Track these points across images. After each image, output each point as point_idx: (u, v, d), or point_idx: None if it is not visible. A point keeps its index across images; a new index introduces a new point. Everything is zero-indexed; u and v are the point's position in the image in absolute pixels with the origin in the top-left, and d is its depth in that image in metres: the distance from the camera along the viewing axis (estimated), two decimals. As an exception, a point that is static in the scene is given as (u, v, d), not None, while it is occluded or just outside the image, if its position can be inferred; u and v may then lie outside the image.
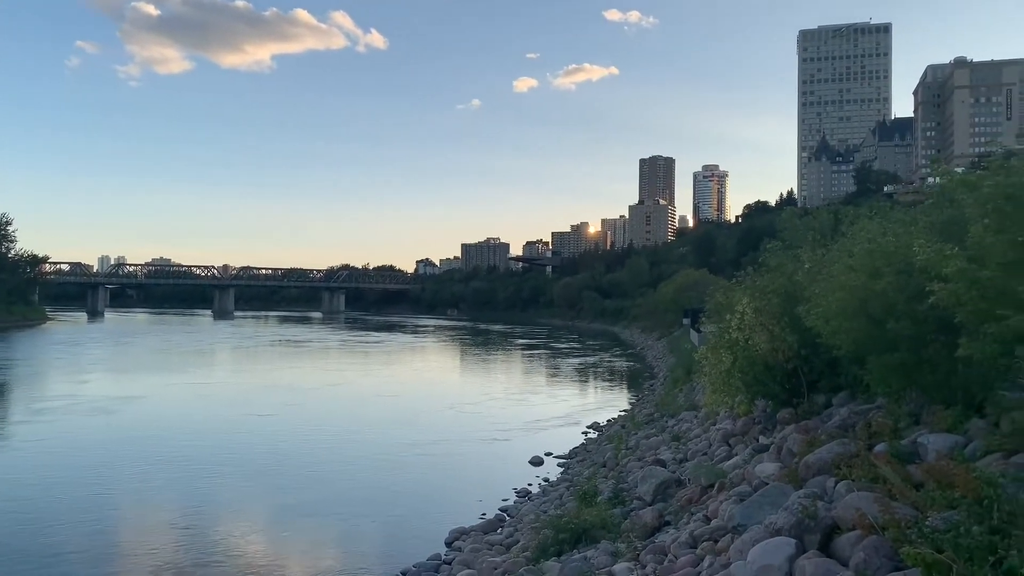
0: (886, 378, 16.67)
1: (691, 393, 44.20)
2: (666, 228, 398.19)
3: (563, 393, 64.16)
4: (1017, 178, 11.06)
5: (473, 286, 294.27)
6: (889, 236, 16.85)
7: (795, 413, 21.89)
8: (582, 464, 34.46)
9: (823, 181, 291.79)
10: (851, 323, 16.89)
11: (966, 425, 14.19)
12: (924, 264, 12.52)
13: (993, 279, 10.99)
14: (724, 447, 24.93)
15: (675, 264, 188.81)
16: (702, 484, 20.15)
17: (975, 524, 8.41)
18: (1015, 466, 11.11)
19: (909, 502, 11.12)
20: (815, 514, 11.49)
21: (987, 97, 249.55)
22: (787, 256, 26.09)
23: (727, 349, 25.47)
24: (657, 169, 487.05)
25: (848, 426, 17.48)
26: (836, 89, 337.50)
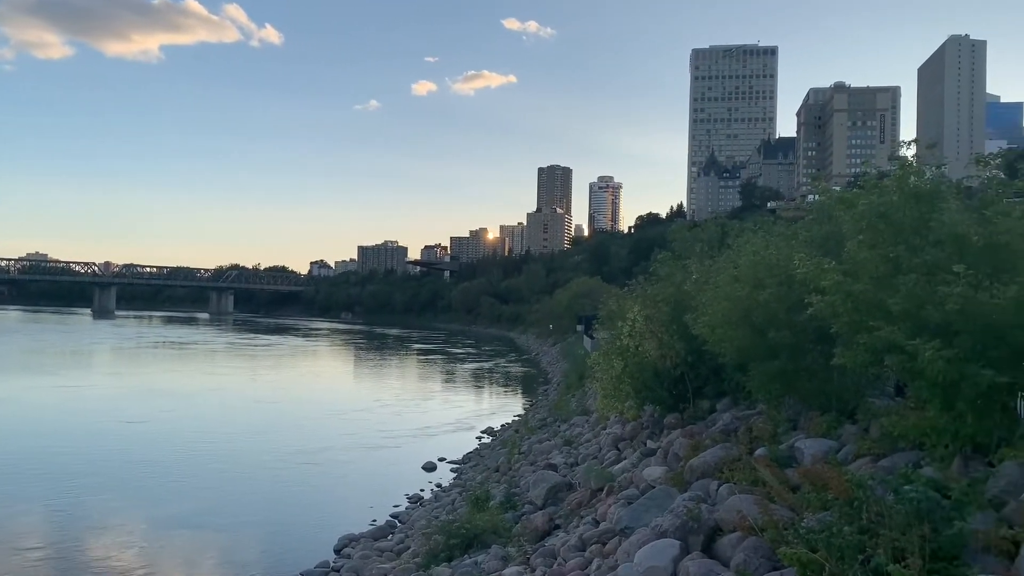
0: (767, 385, 17.40)
1: (583, 398, 44.86)
2: (563, 236, 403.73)
3: (458, 398, 64.05)
4: (888, 197, 11.73)
5: (369, 289, 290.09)
6: (772, 250, 17.59)
7: (681, 418, 22.55)
8: (475, 469, 34.44)
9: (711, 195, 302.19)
10: (735, 331, 17.53)
11: (839, 430, 14.95)
12: (803, 277, 13.12)
13: (866, 292, 11.61)
14: (614, 451, 25.40)
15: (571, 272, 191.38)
16: (592, 488, 20.45)
17: (846, 524, 8.84)
18: (883, 469, 11.77)
19: (787, 504, 11.62)
20: (699, 516, 11.85)
21: (863, 121, 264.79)
22: (676, 266, 26.87)
23: (618, 355, 26.07)
24: (555, 178, 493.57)
25: (731, 431, 18.13)
26: (725, 107, 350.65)
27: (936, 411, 11.00)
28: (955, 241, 10.94)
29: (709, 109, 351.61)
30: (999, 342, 10.11)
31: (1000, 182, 11.62)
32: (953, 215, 11.38)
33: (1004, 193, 11.34)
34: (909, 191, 11.58)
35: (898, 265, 11.33)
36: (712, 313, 18.73)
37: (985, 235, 10.75)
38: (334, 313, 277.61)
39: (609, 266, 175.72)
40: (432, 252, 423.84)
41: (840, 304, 11.93)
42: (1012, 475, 9.69)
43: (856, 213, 12.14)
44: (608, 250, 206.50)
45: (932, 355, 9.88)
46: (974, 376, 9.91)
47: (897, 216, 11.59)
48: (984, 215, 10.94)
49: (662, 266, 27.63)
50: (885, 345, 11.14)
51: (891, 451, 12.52)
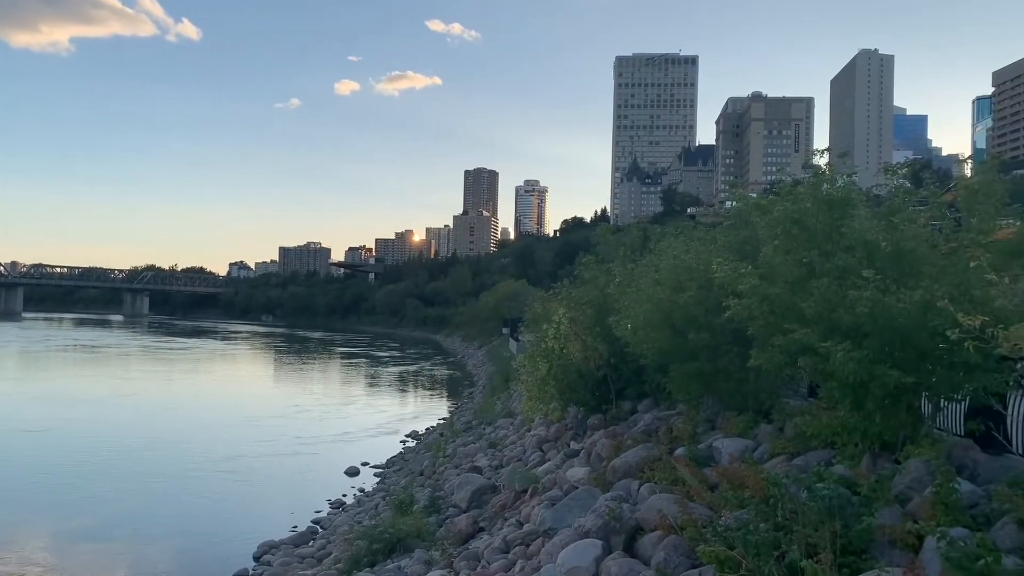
0: (686, 385, 17.78)
1: (509, 401, 44.99)
2: (489, 239, 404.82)
3: (382, 402, 63.41)
4: (802, 204, 12.12)
5: (291, 291, 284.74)
6: (691, 254, 17.98)
7: (604, 419, 22.84)
8: (399, 473, 34.17)
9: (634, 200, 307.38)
10: (656, 333, 17.85)
11: (756, 430, 15.37)
12: (721, 280, 13.43)
13: (780, 295, 11.96)
14: (538, 453, 25.54)
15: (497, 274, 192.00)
16: (516, 489, 20.53)
17: (762, 522, 9.09)
18: (797, 468, 12.15)
19: (705, 503, 11.88)
20: (620, 516, 12.01)
21: (779, 130, 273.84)
22: (600, 270, 27.21)
23: (543, 357, 26.25)
24: (481, 181, 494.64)
25: (652, 431, 18.46)
26: (647, 115, 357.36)
27: (846, 411, 11.40)
28: (865, 247, 11.37)
29: (632, 116, 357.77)
30: (905, 344, 10.53)
31: (906, 191, 12.15)
32: (863, 222, 11.83)
33: (909, 201, 11.83)
34: (822, 198, 11.99)
35: (811, 269, 11.71)
36: (634, 315, 19.03)
37: (892, 241, 11.21)
38: (254, 316, 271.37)
39: (535, 269, 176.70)
40: (356, 254, 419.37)
41: (756, 307, 12.26)
42: (917, 472, 10.11)
43: (771, 219, 12.50)
44: (534, 253, 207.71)
45: (843, 356, 10.24)
46: (882, 377, 10.31)
47: (810, 222, 11.99)
48: (891, 222, 11.41)
49: (586, 269, 27.93)
50: (799, 347, 11.49)
51: (804, 450, 12.93)
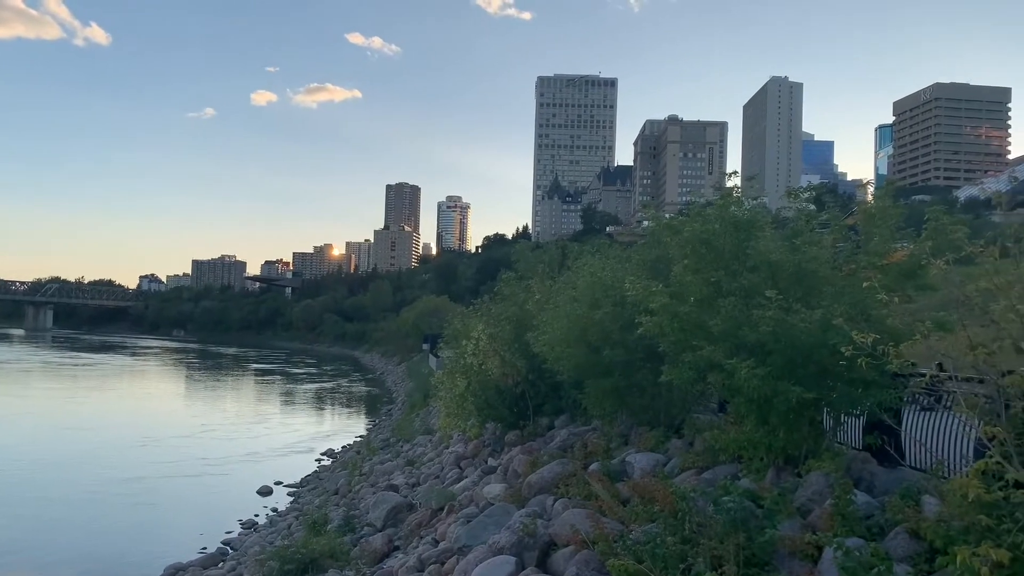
0: (601, 401, 18.04)
1: (428, 417, 44.67)
2: (410, 254, 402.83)
3: (297, 420, 62.05)
4: (711, 226, 12.52)
5: (204, 305, 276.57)
6: (607, 272, 18.30)
7: (522, 435, 22.94)
8: (314, 492, 33.51)
9: (554, 218, 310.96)
10: (572, 349, 18.08)
11: (667, 444, 15.71)
12: (634, 298, 13.73)
13: (690, 313, 12.31)
14: (455, 470, 25.45)
15: (418, 290, 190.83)
16: (432, 507, 20.39)
17: (669, 535, 9.29)
18: (705, 481, 12.46)
19: (617, 517, 12.06)
20: (534, 532, 12.08)
21: (693, 152, 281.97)
22: (520, 286, 27.39)
23: (462, 374, 26.23)
24: (403, 196, 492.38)
25: (568, 447, 18.62)
26: (568, 134, 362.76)
27: (752, 425, 11.78)
28: (769, 267, 11.81)
29: (553, 135, 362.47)
30: (807, 361, 10.96)
31: (807, 214, 12.67)
32: (768, 243, 12.28)
33: (811, 224, 12.36)
34: (729, 220, 12.41)
35: (719, 288, 12.08)
36: (551, 332, 19.22)
37: (794, 262, 11.67)
38: (165, 330, 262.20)
39: (457, 285, 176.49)
40: (273, 268, 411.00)
41: (667, 324, 12.57)
42: (817, 484, 10.52)
43: (681, 239, 12.87)
44: (456, 269, 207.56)
45: (747, 373, 10.59)
46: (784, 392, 10.70)
47: (718, 243, 12.39)
48: (794, 244, 11.88)
49: (506, 286, 28.08)
50: (707, 363, 11.82)
51: (713, 464, 13.27)
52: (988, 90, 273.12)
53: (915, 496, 9.18)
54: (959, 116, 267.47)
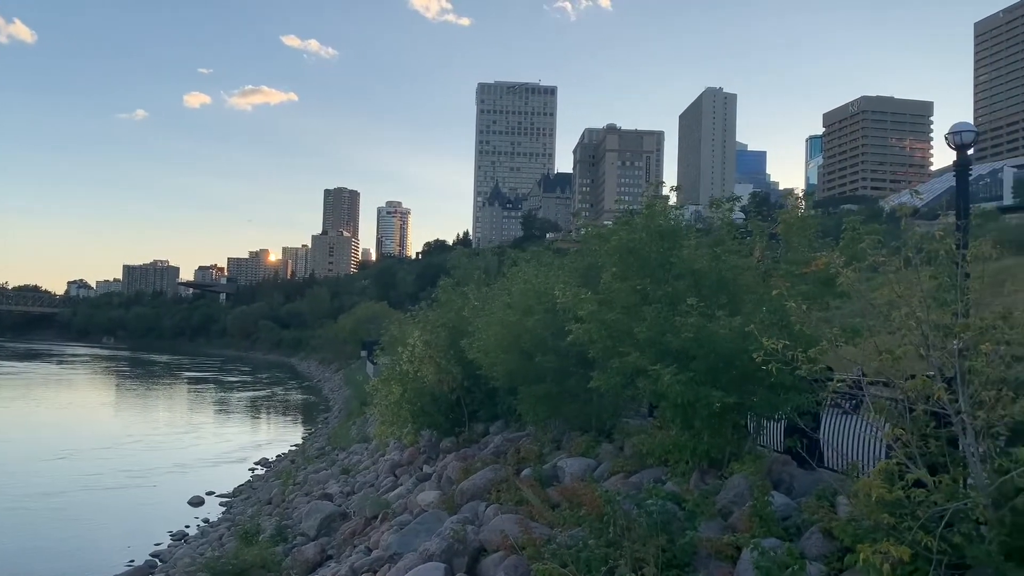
0: (534, 407, 18.19)
1: (364, 425, 44.28)
2: (349, 260, 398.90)
3: (231, 429, 60.79)
4: (637, 234, 12.78)
5: (135, 312, 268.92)
6: (541, 279, 18.50)
7: (457, 442, 22.96)
8: (247, 502, 32.92)
9: (495, 225, 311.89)
10: (506, 356, 18.21)
11: (598, 449, 15.92)
12: (564, 305, 13.92)
13: (618, 320, 12.53)
14: (391, 477, 25.31)
15: (356, 296, 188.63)
16: (367, 516, 20.26)
17: (594, 538, 9.44)
18: (633, 485, 12.69)
19: (547, 522, 12.19)
20: (464, 538, 12.13)
21: (631, 161, 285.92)
22: (456, 293, 27.43)
23: (397, 381, 26.10)
24: (342, 201, 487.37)
25: (501, 453, 18.73)
26: (509, 141, 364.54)
27: (677, 430, 12.05)
28: (693, 275, 12.12)
29: (494, 142, 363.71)
30: (729, 367, 11.27)
31: (729, 223, 13.04)
32: (692, 252, 12.59)
33: (732, 233, 12.72)
34: (655, 229, 12.69)
35: (645, 296, 12.34)
36: (486, 338, 19.32)
37: (717, 271, 12.00)
38: (94, 337, 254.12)
39: (396, 291, 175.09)
40: (207, 273, 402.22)
41: (595, 331, 12.78)
42: (739, 487, 10.81)
43: (610, 247, 13.11)
44: (395, 275, 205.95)
45: (671, 379, 10.84)
46: (706, 397, 10.98)
47: (644, 251, 12.66)
48: (716, 253, 12.22)
49: (443, 292, 28.10)
50: (634, 369, 12.06)
51: (641, 468, 13.52)
52: (911, 104, 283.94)
53: (830, 497, 9.52)
54: (885, 128, 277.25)
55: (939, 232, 7.33)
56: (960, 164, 16.45)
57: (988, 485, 6.79)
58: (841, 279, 7.59)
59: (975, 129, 16.83)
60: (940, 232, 7.33)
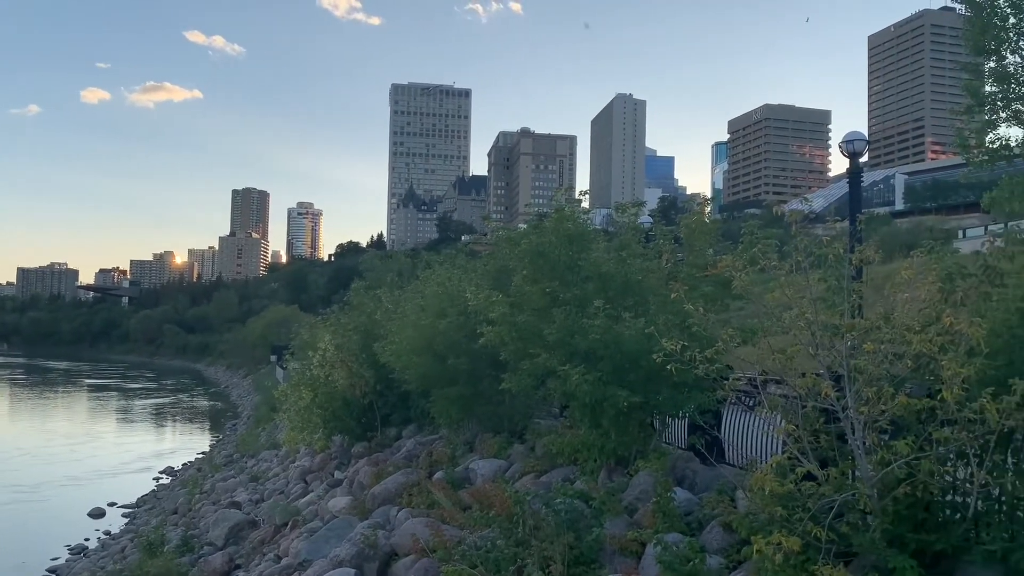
0: (448, 409, 18.23)
1: (274, 432, 43.42)
2: (258, 262, 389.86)
3: (134, 438, 58.55)
4: (547, 238, 13.00)
5: (31, 316, 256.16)
6: (453, 282, 18.55)
7: (369, 447, 22.78)
8: (151, 513, 31.87)
9: (410, 227, 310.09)
10: (419, 359, 18.19)
11: (510, 450, 16.08)
12: (476, 308, 14.02)
13: (528, 322, 12.71)
14: (301, 484, 24.94)
15: (266, 299, 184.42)
16: (276, 523, 19.93)
17: (504, 539, 9.57)
18: (543, 485, 12.88)
19: (458, 524, 12.26)
20: (375, 543, 12.09)
21: (545, 165, 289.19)
22: (369, 296, 27.19)
23: (308, 386, 25.71)
24: (251, 201, 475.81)
25: (414, 456, 18.70)
26: (423, 143, 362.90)
27: (586, 429, 12.30)
28: (600, 278, 12.39)
29: (408, 143, 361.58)
30: (634, 366, 11.56)
31: (634, 227, 13.40)
32: (600, 255, 12.88)
33: (636, 237, 13.07)
34: (563, 233, 12.93)
35: (555, 298, 12.56)
36: (399, 341, 19.26)
37: (623, 274, 12.31)
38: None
39: (308, 294, 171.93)
40: (108, 276, 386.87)
41: (507, 333, 12.93)
42: (644, 484, 11.11)
43: (520, 251, 13.28)
44: (307, 278, 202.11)
45: (579, 379, 11.07)
46: (613, 397, 11.25)
47: (553, 255, 12.87)
48: (621, 256, 12.53)
49: (356, 295, 27.82)
50: (544, 370, 12.26)
51: (552, 467, 13.73)
52: (811, 112, 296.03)
53: (730, 492, 9.89)
54: (786, 135, 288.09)
55: (826, 237, 7.74)
56: (852, 171, 17.33)
57: (873, 477, 7.18)
58: (735, 282, 7.91)
59: (866, 138, 17.73)
60: (827, 237, 7.74)
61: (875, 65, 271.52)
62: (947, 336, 6.79)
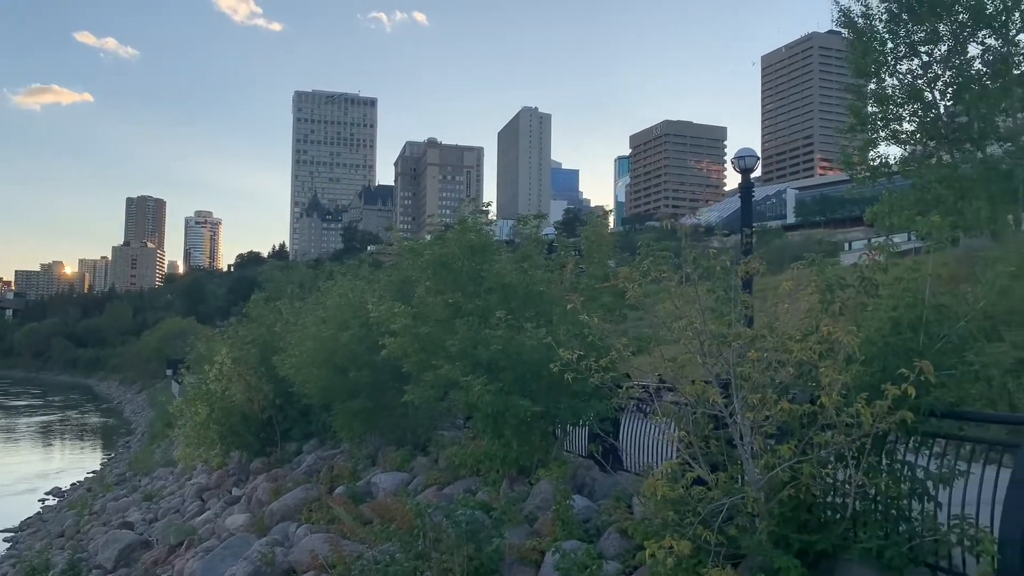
0: (350, 423, 17.99)
1: (169, 449, 41.94)
2: (154, 273, 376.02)
3: (17, 458, 55.32)
4: (450, 248, 13.04)
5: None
6: (356, 293, 18.36)
7: (268, 462, 22.26)
8: (35, 536, 30.28)
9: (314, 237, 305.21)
10: (319, 372, 17.90)
11: (413, 463, 16.00)
12: (377, 319, 13.92)
13: (431, 334, 12.70)
14: (198, 502, 24.18)
15: (162, 311, 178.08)
16: (171, 543, 19.25)
17: (404, 552, 9.50)
18: (446, 497, 12.85)
19: (359, 539, 12.11)
20: (273, 560, 11.82)
21: (452, 175, 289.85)
22: (269, 307, 26.61)
23: (204, 400, 24.96)
24: (146, 210, 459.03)
25: (314, 471, 18.38)
26: (328, 152, 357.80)
27: (488, 439, 12.36)
28: (502, 289, 12.51)
29: (312, 152, 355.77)
30: (536, 376, 11.69)
31: (536, 239, 13.59)
32: (503, 266, 12.99)
33: (538, 249, 13.26)
34: (466, 244, 13.00)
35: (458, 309, 12.59)
36: (299, 354, 18.91)
37: (524, 284, 12.46)
38: None
39: (206, 306, 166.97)
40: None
41: (409, 345, 12.88)
42: (544, 492, 11.23)
43: (423, 262, 13.28)
44: (205, 289, 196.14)
45: (481, 389, 11.13)
46: (515, 407, 11.34)
47: (456, 266, 12.92)
48: (523, 267, 12.69)
49: (255, 307, 27.21)
50: (447, 381, 12.26)
51: (455, 479, 13.72)
52: (709, 128, 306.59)
53: (627, 499, 10.10)
54: (685, 151, 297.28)
55: (713, 250, 8.04)
56: (744, 186, 18.06)
57: (759, 480, 7.48)
58: (628, 293, 8.13)
59: (757, 155, 18.52)
60: (714, 250, 8.05)
61: (768, 84, 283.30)
62: (826, 344, 7.13)
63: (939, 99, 28.51)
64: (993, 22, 26.88)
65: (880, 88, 29.32)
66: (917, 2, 27.46)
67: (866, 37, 28.85)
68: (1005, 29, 26.96)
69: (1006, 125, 27.21)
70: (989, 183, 26.02)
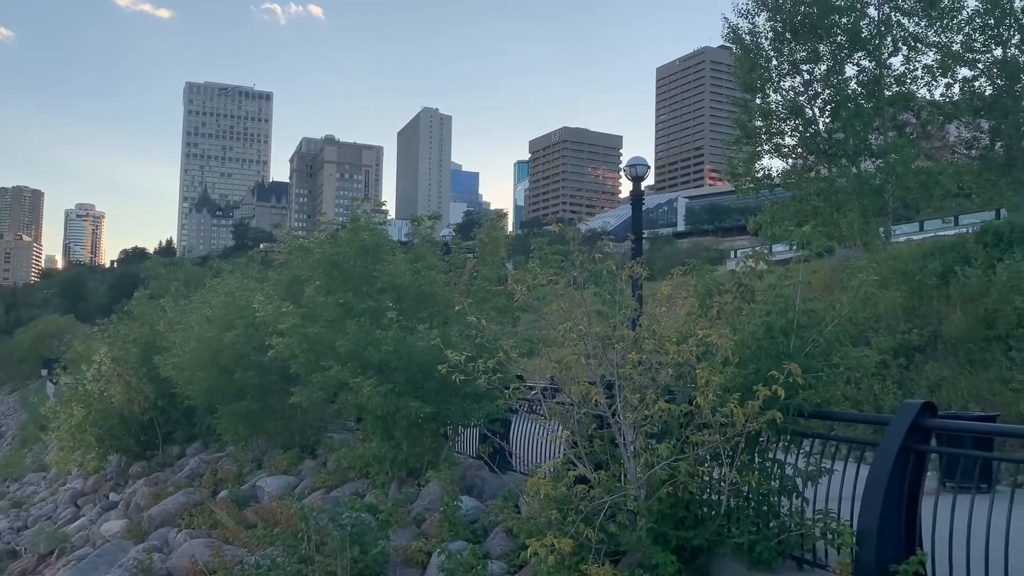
0: (235, 426, 17.51)
1: (42, 453, 39.80)
2: (30, 268, 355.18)
3: None
4: (341, 247, 12.87)
5: None
6: (242, 292, 17.86)
7: (149, 466, 21.45)
8: None
9: (204, 233, 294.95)
10: (203, 373, 17.35)
11: (300, 466, 15.71)
12: (264, 319, 13.60)
13: (320, 334, 12.48)
14: (71, 508, 23.08)
15: (38, 308, 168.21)
16: (41, 552, 18.30)
17: (287, 556, 9.32)
18: (333, 500, 12.67)
19: (242, 543, 11.80)
20: (150, 567, 11.41)
21: (350, 174, 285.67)
22: (152, 305, 25.64)
23: (80, 402, 23.84)
24: (22, 201, 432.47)
25: (197, 475, 17.82)
26: (219, 146, 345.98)
27: (378, 441, 12.26)
28: (395, 290, 12.44)
29: (203, 145, 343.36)
30: (427, 378, 11.66)
31: (429, 240, 13.58)
32: (395, 267, 12.92)
33: (431, 250, 13.27)
34: (358, 244, 12.86)
35: (349, 310, 12.43)
36: (182, 354, 18.28)
37: (416, 285, 12.43)
38: None
39: (86, 303, 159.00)
40: None
41: (298, 345, 12.63)
42: (433, 494, 11.23)
43: (314, 261, 13.06)
44: (85, 285, 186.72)
45: (371, 390, 11.03)
46: (406, 408, 11.30)
47: (348, 265, 12.76)
48: (416, 268, 12.66)
49: (137, 305, 26.18)
50: (337, 383, 12.08)
51: (343, 482, 13.55)
52: (605, 136, 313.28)
53: (515, 498, 10.21)
54: (582, 157, 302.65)
55: (599, 255, 8.26)
56: (635, 194, 18.57)
57: (640, 479, 7.70)
58: (516, 295, 8.24)
59: (647, 164, 19.06)
60: (600, 254, 8.27)
61: (662, 95, 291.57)
62: (702, 347, 7.42)
63: (818, 116, 30.02)
64: (867, 45, 28.55)
65: (765, 103, 30.63)
66: (800, 23, 28.85)
67: (752, 54, 30.11)
68: (878, 52, 28.69)
69: (878, 143, 28.91)
70: (862, 196, 27.57)
